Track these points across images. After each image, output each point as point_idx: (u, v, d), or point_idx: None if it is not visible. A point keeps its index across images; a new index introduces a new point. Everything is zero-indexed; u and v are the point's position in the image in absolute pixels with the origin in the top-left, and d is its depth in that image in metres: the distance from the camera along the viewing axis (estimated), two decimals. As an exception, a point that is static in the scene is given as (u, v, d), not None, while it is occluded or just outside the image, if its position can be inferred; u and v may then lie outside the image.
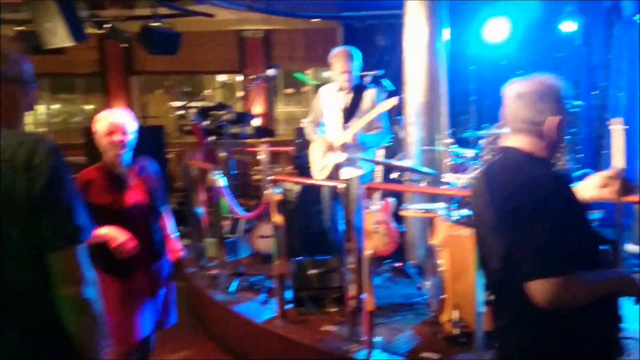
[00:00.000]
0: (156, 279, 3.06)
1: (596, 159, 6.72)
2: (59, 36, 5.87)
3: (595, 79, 6.67)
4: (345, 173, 4.49)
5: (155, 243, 3.04)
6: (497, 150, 4.06)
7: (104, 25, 7.47)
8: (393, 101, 4.23)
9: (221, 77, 11.96)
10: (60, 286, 1.43)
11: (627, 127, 4.94)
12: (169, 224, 3.24)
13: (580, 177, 5.36)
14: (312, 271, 4.21)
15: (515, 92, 1.91)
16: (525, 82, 1.90)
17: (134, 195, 2.96)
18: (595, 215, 3.46)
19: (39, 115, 11.40)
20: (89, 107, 11.59)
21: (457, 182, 3.89)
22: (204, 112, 6.72)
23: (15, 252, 1.38)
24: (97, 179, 2.92)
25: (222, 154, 5.99)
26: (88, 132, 7.57)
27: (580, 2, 6.51)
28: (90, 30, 7.49)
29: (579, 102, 6.26)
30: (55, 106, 12.93)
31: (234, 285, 4.65)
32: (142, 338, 3.01)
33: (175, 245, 3.24)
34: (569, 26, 6.36)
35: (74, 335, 1.47)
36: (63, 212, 1.42)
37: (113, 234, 2.74)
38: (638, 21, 5.91)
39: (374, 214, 5.35)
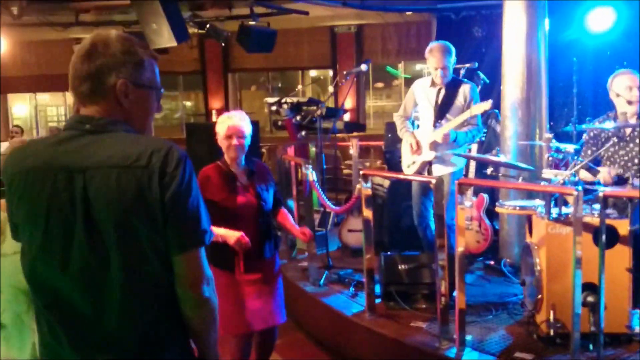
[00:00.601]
0: (266, 275, 3.18)
1: None
2: (164, 37, 6.22)
3: None
4: (437, 170, 4.42)
5: (264, 241, 3.17)
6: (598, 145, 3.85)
7: (205, 25, 7.81)
8: (486, 105, 4.11)
9: (313, 73, 12.13)
10: (184, 286, 1.52)
11: None
12: (289, 218, 3.40)
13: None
14: (402, 266, 4.19)
15: None
16: None
17: (245, 195, 3.13)
18: None
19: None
20: (189, 103, 12.14)
21: (557, 178, 3.72)
22: (296, 108, 6.84)
23: (145, 249, 1.49)
24: (214, 177, 3.11)
25: (313, 149, 6.09)
26: (188, 127, 7.97)
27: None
28: (192, 30, 7.86)
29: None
30: (158, 103, 13.63)
31: (323, 278, 4.72)
32: (255, 331, 3.15)
33: (304, 230, 3.39)
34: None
35: (193, 331, 1.58)
36: (189, 218, 1.50)
37: (230, 234, 2.93)
38: None
39: (467, 210, 5.23)
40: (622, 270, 3.32)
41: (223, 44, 8.76)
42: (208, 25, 7.84)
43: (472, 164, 5.39)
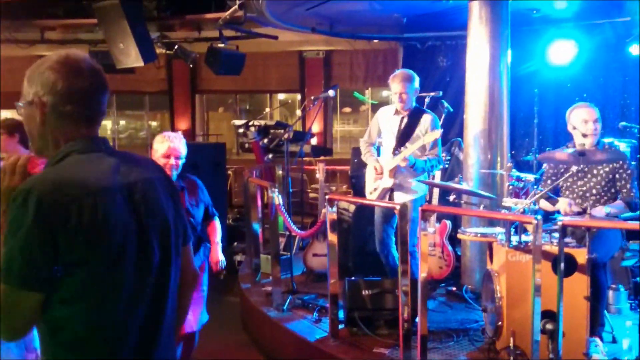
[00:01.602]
0: None
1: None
2: (131, 56, 6.17)
3: (666, 103, 6.41)
4: (398, 197, 4.48)
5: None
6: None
7: (173, 46, 7.79)
8: (437, 134, 4.26)
9: (281, 96, 12.19)
10: (188, 270, 1.77)
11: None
12: (216, 232, 3.65)
13: None
14: (366, 292, 4.19)
15: None
16: None
17: None
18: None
19: (106, 132, 11.91)
20: (155, 123, 12.04)
21: (517, 206, 3.80)
22: (263, 131, 6.85)
23: (177, 244, 1.68)
24: None
25: (280, 172, 6.09)
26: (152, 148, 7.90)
27: (651, 24, 6.29)
28: (160, 50, 7.83)
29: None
30: (122, 122, 13.47)
31: (287, 303, 4.69)
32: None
33: (216, 255, 3.62)
34: (637, 49, 6.15)
35: (180, 307, 1.75)
36: (184, 217, 1.77)
37: None
38: None
39: (430, 236, 5.29)
40: (580, 298, 3.39)
41: (191, 65, 8.74)
42: (176, 46, 7.83)
43: (436, 191, 5.48)
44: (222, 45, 7.38)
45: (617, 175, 3.84)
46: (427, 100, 5.58)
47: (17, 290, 1.38)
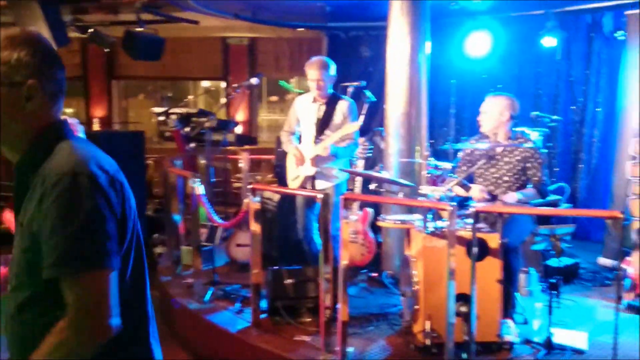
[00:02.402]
0: None
1: (572, 173, 6.81)
2: (41, 40, 5.82)
3: (575, 94, 6.76)
4: (320, 184, 4.52)
5: None
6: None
7: (88, 30, 7.43)
8: (356, 125, 4.31)
9: (205, 84, 11.94)
10: None
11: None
12: None
13: (556, 191, 5.45)
14: (288, 280, 4.19)
15: None
16: None
17: None
18: (567, 229, 3.49)
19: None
20: (69, 110, 11.49)
21: (433, 194, 3.90)
22: (185, 119, 6.68)
23: None
24: None
25: (202, 161, 5.97)
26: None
27: (561, 18, 6.60)
28: (73, 34, 7.45)
29: (557, 117, 6.35)
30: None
31: (208, 295, 4.62)
32: None
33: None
34: (549, 41, 6.44)
35: None
36: None
37: None
38: (618, 38, 6.01)
39: (352, 223, 5.36)
40: (493, 281, 3.54)
41: (107, 50, 8.38)
42: (91, 30, 7.47)
43: (358, 179, 5.54)
44: (140, 29, 7.12)
45: (528, 163, 4.01)
46: (350, 90, 5.61)
47: (101, 273, 1.34)
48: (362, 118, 4.43)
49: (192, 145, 6.43)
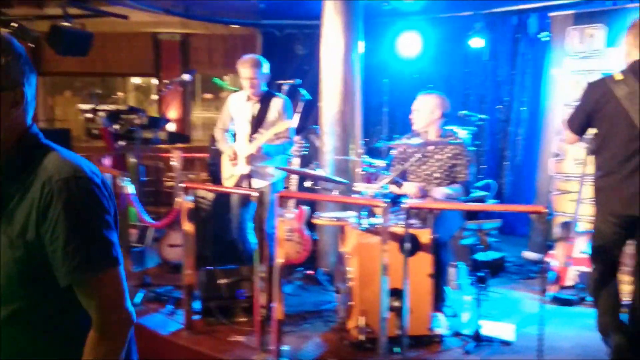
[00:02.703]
0: None
1: (499, 170, 7.07)
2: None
3: (501, 93, 7.02)
4: (255, 183, 4.49)
5: None
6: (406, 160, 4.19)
7: (11, 24, 7.06)
8: (289, 123, 4.30)
9: (135, 80, 11.62)
10: None
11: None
12: None
13: (483, 187, 5.64)
14: (222, 280, 4.14)
15: None
16: None
17: None
18: (494, 224, 3.61)
19: None
20: (-9, 107, 10.92)
21: (367, 191, 3.95)
22: (114, 116, 6.47)
23: None
24: None
25: (132, 160, 5.79)
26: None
27: (489, 19, 6.83)
28: (-6, 27, 7.07)
29: (485, 116, 6.57)
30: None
31: (139, 297, 4.49)
32: None
33: None
34: (477, 42, 6.65)
35: None
36: None
37: None
38: (542, 39, 6.27)
39: (288, 221, 5.35)
40: (424, 276, 3.62)
41: (32, 45, 7.99)
42: (13, 24, 7.11)
43: (294, 177, 5.53)
44: (66, 24, 6.83)
45: (456, 161, 4.13)
46: (285, 87, 5.60)
47: (117, 269, 1.40)
48: (297, 116, 4.43)
49: (121, 143, 6.24)
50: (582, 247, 4.16)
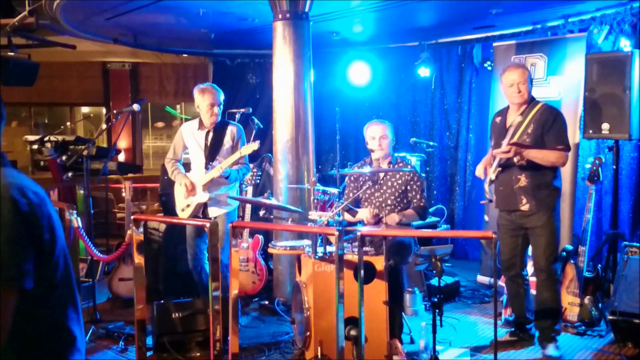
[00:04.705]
0: None
1: (449, 195, 7.22)
2: None
3: (449, 121, 7.20)
4: (212, 211, 4.43)
5: None
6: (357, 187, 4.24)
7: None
8: (254, 146, 4.28)
9: (85, 110, 11.39)
10: None
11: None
12: None
13: (435, 213, 5.71)
14: (176, 314, 4.05)
15: None
16: None
17: None
18: (446, 249, 3.68)
19: None
20: None
21: (321, 219, 3.96)
22: (61, 147, 6.30)
23: None
24: None
25: (81, 191, 5.65)
26: None
27: (434, 49, 7.04)
28: None
29: (434, 143, 6.72)
30: None
31: (88, 334, 4.33)
32: None
33: None
34: (424, 71, 6.84)
35: None
36: None
37: None
38: (486, 67, 6.49)
39: (243, 251, 5.30)
40: (380, 303, 3.63)
41: (-26, 75, 7.75)
42: (-45, 54, 6.89)
43: (248, 206, 5.50)
44: (11, 53, 6.66)
45: (408, 187, 4.20)
46: (237, 116, 5.60)
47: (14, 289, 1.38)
48: (257, 142, 4.40)
49: (69, 174, 6.07)
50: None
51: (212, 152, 4.43)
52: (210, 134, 4.47)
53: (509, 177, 3.98)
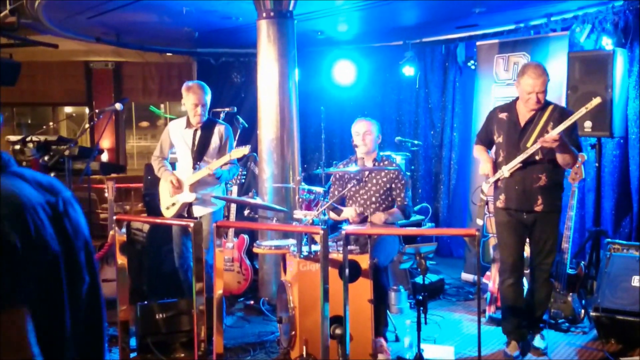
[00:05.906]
0: None
1: (434, 194, 7.25)
2: None
3: (433, 119, 7.23)
4: (197, 211, 4.40)
5: None
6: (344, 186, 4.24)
7: None
8: (245, 150, 4.26)
9: (67, 109, 11.28)
10: None
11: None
12: None
13: (420, 211, 5.72)
14: (160, 315, 4.01)
15: None
16: None
17: None
18: (430, 247, 3.69)
19: None
20: None
21: (306, 218, 3.95)
22: (43, 147, 6.23)
23: None
24: None
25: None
26: None
27: (419, 48, 7.06)
28: None
29: (418, 142, 6.74)
30: None
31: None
32: None
33: None
34: (409, 70, 6.86)
35: None
36: None
37: None
38: (470, 66, 6.53)
39: (228, 251, 5.27)
40: (365, 301, 3.63)
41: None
42: None
43: (233, 206, 5.48)
44: (-8, 52, 6.58)
45: (393, 185, 4.20)
46: (222, 115, 5.57)
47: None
48: (248, 147, 4.39)
49: (52, 175, 6.00)
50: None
51: (200, 151, 4.39)
52: (198, 133, 4.43)
53: (529, 175, 3.74)
